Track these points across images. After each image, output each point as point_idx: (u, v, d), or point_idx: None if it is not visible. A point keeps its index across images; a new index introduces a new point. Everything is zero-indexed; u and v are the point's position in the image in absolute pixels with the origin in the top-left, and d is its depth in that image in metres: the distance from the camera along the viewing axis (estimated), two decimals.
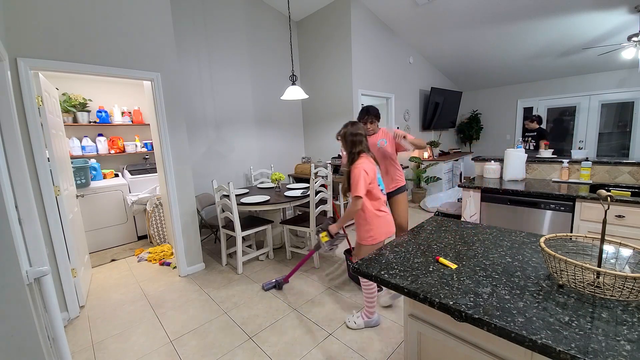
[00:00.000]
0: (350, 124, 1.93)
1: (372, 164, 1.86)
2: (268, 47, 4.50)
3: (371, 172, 1.83)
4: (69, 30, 2.21)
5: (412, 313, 1.14)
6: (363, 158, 1.86)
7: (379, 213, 1.90)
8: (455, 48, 5.25)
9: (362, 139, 1.88)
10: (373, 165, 1.87)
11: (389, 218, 1.94)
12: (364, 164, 1.82)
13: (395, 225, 2.15)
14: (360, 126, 1.91)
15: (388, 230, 1.92)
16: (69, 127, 3.80)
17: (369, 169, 1.81)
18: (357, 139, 1.86)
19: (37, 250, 1.72)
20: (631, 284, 0.82)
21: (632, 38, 3.83)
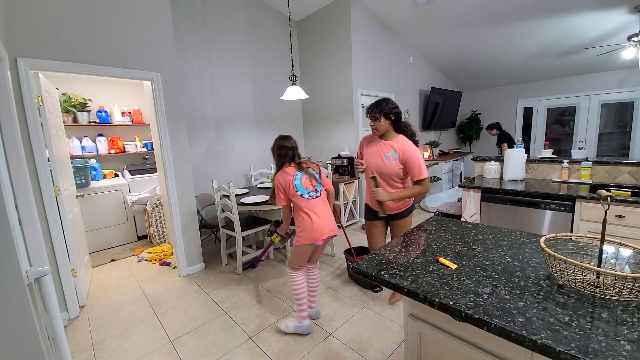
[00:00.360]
0: (279, 138, 2.07)
1: (287, 175, 1.97)
2: (268, 47, 4.50)
3: (284, 182, 1.97)
4: (69, 30, 2.21)
5: (412, 313, 1.14)
6: (282, 169, 2.01)
7: (306, 217, 1.96)
8: (455, 48, 5.25)
9: (288, 152, 2.02)
10: (288, 176, 1.97)
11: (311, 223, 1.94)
12: (278, 176, 1.99)
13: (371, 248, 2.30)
14: (288, 140, 2.05)
15: (311, 237, 1.94)
16: (69, 127, 3.80)
17: (282, 179, 1.97)
18: (282, 152, 2.02)
19: (37, 250, 1.72)
20: (631, 284, 0.82)
21: (632, 38, 3.83)
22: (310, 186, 2.00)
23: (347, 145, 4.50)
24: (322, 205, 2.03)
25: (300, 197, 1.96)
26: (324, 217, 1.99)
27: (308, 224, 1.94)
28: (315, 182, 2.04)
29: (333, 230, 2.04)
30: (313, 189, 2.01)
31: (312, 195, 1.99)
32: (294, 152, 2.05)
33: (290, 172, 1.98)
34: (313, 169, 2.08)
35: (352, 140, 4.43)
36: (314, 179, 2.04)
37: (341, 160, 4.27)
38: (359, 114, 4.40)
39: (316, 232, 1.95)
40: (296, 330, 2.03)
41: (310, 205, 1.97)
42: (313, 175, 2.04)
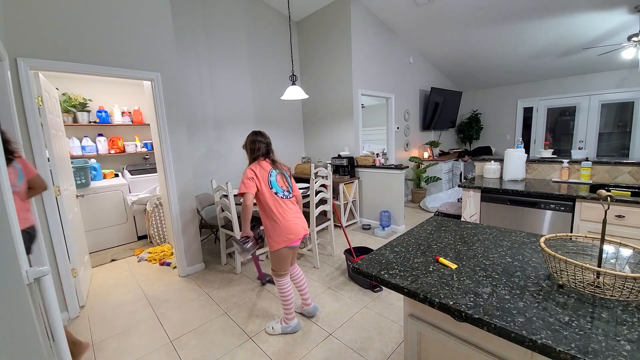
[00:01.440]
0: (252, 133, 2.06)
1: (263, 168, 1.96)
2: (268, 47, 4.50)
3: (259, 173, 1.93)
4: (69, 30, 2.21)
5: (412, 313, 1.14)
6: (256, 162, 1.99)
7: (276, 218, 1.93)
8: (455, 48, 5.25)
9: (261, 146, 2.01)
10: (264, 170, 1.96)
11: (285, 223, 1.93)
12: (253, 166, 1.95)
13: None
14: (261, 136, 2.04)
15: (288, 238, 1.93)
16: (69, 127, 3.80)
17: (258, 170, 1.94)
18: (255, 147, 2.00)
19: (37, 250, 1.73)
20: (631, 284, 0.82)
21: (632, 38, 3.83)
22: (284, 186, 2.01)
23: (347, 145, 4.50)
24: (294, 206, 2.03)
25: (275, 195, 1.94)
26: (297, 217, 1.99)
27: (282, 225, 1.92)
28: (287, 184, 2.05)
29: (306, 229, 2.05)
30: (286, 189, 2.02)
31: (286, 195, 1.99)
32: (268, 148, 2.04)
33: (266, 167, 1.98)
34: (285, 171, 2.08)
35: (352, 140, 4.43)
36: (286, 180, 2.04)
37: (341, 160, 4.27)
38: (359, 114, 4.40)
39: (292, 233, 1.93)
40: (284, 330, 2.03)
41: (284, 204, 1.96)
42: (285, 177, 2.05)
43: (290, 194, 2.03)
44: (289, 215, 1.95)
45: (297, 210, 2.05)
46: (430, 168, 5.49)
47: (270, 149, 2.06)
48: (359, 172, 4.36)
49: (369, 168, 4.22)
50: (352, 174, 4.31)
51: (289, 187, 2.04)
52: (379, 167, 4.12)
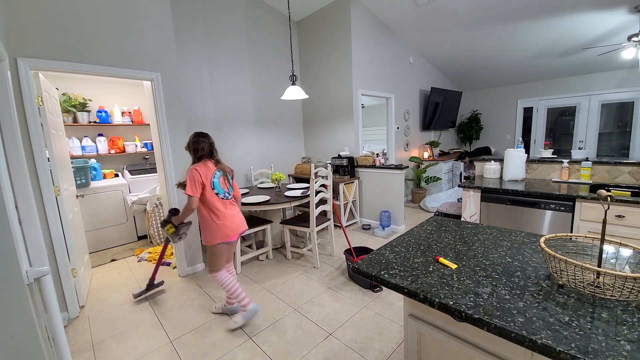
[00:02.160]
0: (194, 134, 2.10)
1: (208, 169, 2.03)
2: (268, 47, 4.50)
3: (204, 174, 1.99)
4: (69, 30, 2.21)
5: (412, 313, 1.14)
6: (201, 162, 2.04)
7: (214, 216, 2.02)
8: (455, 48, 5.25)
9: (204, 146, 2.06)
10: (209, 170, 2.03)
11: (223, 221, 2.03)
12: (198, 166, 2.00)
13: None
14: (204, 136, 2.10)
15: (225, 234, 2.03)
16: (69, 127, 3.80)
17: (203, 171, 2.00)
18: (198, 147, 2.05)
19: (37, 250, 1.73)
20: (631, 284, 0.82)
21: (632, 38, 3.83)
22: (225, 187, 2.10)
23: (347, 145, 4.50)
24: (232, 206, 2.14)
25: (216, 196, 2.04)
26: (235, 216, 2.10)
27: (221, 222, 2.02)
28: (229, 185, 2.14)
29: (243, 226, 2.18)
30: (227, 191, 2.11)
31: (226, 196, 2.10)
32: (212, 148, 2.10)
33: (211, 168, 2.05)
34: (228, 172, 2.17)
35: (352, 140, 4.43)
36: (227, 181, 2.13)
37: (341, 160, 4.27)
38: (359, 114, 4.40)
39: (229, 230, 2.04)
40: (245, 319, 2.10)
41: (224, 204, 2.07)
42: (227, 178, 2.14)
43: (230, 195, 2.13)
44: (227, 214, 2.06)
45: (236, 209, 2.17)
46: (430, 168, 5.49)
47: (214, 150, 2.12)
48: (359, 172, 4.36)
49: (369, 168, 4.22)
50: (352, 174, 4.31)
51: (229, 189, 2.13)
52: (379, 167, 4.12)
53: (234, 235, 2.08)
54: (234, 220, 2.08)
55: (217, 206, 2.03)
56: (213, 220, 2.02)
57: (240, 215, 2.17)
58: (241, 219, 2.16)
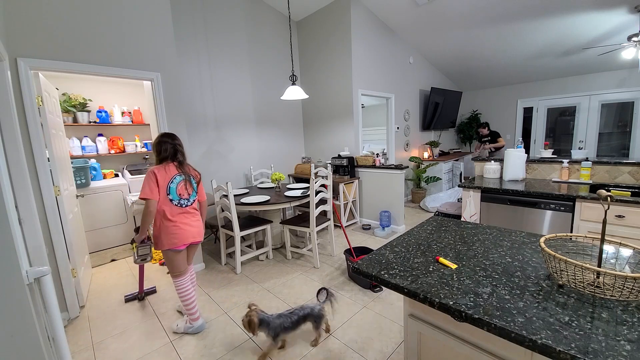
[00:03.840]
0: (161, 134, 2.05)
1: (167, 173, 1.93)
2: (268, 47, 4.50)
3: (162, 178, 1.90)
4: (69, 30, 2.21)
5: (412, 313, 1.14)
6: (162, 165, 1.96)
7: (162, 223, 1.94)
8: (455, 48, 5.25)
9: (168, 147, 1.97)
10: (167, 174, 1.93)
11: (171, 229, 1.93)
12: (157, 169, 1.92)
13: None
14: (171, 137, 2.02)
15: (171, 242, 1.93)
16: (69, 127, 3.79)
17: (161, 174, 1.91)
18: (161, 148, 1.97)
19: (37, 250, 1.73)
20: (631, 284, 0.82)
21: (632, 38, 3.83)
22: (184, 193, 1.99)
23: (347, 145, 4.50)
24: (189, 213, 2.02)
25: (169, 202, 1.93)
26: (187, 224, 1.98)
27: (168, 229, 1.92)
28: (192, 190, 2.04)
29: (197, 236, 2.04)
30: (186, 197, 2.00)
31: (182, 203, 1.98)
32: (177, 149, 2.01)
33: (170, 172, 1.95)
34: (193, 177, 2.07)
35: (352, 140, 4.43)
36: (190, 186, 2.03)
37: (341, 160, 4.27)
38: (359, 114, 4.40)
39: (177, 238, 1.93)
40: (186, 330, 2.07)
41: (176, 211, 1.96)
42: (190, 183, 2.04)
43: (188, 201, 2.02)
44: (177, 222, 1.95)
45: (191, 217, 2.04)
46: (430, 168, 5.49)
47: (179, 151, 2.02)
48: (359, 172, 4.36)
49: (369, 168, 4.22)
50: (352, 174, 4.31)
51: (190, 195, 2.02)
52: (379, 167, 4.12)
53: (181, 245, 1.97)
54: (183, 229, 1.96)
55: (166, 214, 1.93)
56: (164, 225, 1.93)
57: (195, 225, 2.04)
58: (194, 228, 2.03)
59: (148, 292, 2.68)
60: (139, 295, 2.60)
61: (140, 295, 2.60)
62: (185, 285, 2.02)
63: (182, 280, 2.02)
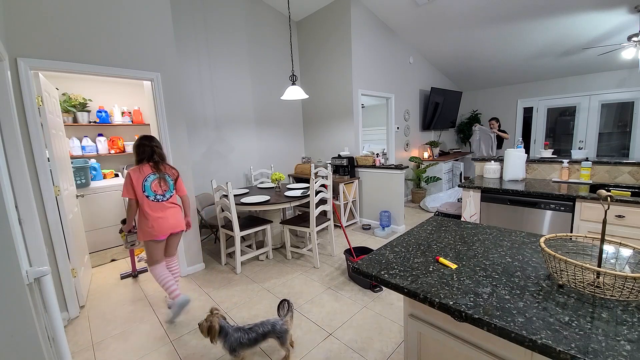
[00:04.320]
0: (140, 137, 2.22)
1: (140, 173, 2.13)
2: (268, 47, 4.50)
3: (135, 179, 2.10)
4: (69, 30, 2.21)
5: (412, 313, 1.14)
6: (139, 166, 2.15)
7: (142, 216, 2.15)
8: (455, 48, 5.25)
9: (146, 149, 2.16)
10: (141, 174, 2.13)
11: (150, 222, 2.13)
12: (132, 171, 2.12)
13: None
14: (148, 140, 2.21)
15: (151, 234, 2.14)
16: (69, 127, 3.80)
17: (135, 176, 2.11)
18: (140, 150, 2.17)
19: (37, 250, 1.73)
20: (631, 284, 0.82)
21: (632, 38, 3.83)
22: (159, 190, 2.18)
23: (347, 145, 4.50)
24: (167, 207, 2.20)
25: (146, 198, 2.13)
26: (164, 218, 2.17)
27: (147, 222, 2.13)
28: (167, 187, 2.22)
29: (175, 227, 2.25)
30: (161, 193, 2.19)
31: (158, 199, 2.17)
32: (154, 151, 2.19)
33: (144, 172, 2.14)
34: (169, 175, 2.25)
35: (352, 140, 4.43)
36: (165, 184, 2.21)
37: (341, 160, 4.27)
38: (359, 114, 4.40)
39: (155, 230, 2.14)
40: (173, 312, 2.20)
41: (153, 206, 2.14)
42: (166, 180, 2.21)
43: (164, 197, 2.20)
44: (155, 216, 2.14)
45: (169, 210, 2.22)
46: (430, 168, 5.49)
47: (156, 152, 2.19)
48: (359, 172, 4.36)
49: (369, 168, 4.22)
50: (352, 174, 4.31)
51: (165, 191, 2.21)
52: (379, 167, 4.12)
53: (160, 235, 2.17)
54: (160, 222, 2.15)
55: (144, 208, 2.12)
56: (144, 218, 2.14)
57: (172, 217, 2.22)
58: (172, 221, 2.21)
59: (140, 272, 3.06)
60: (133, 273, 3.00)
61: (134, 273, 3.00)
62: (159, 272, 2.23)
63: (155, 268, 2.24)
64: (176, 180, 2.29)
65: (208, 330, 1.61)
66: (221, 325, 1.64)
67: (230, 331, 1.65)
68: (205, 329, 1.62)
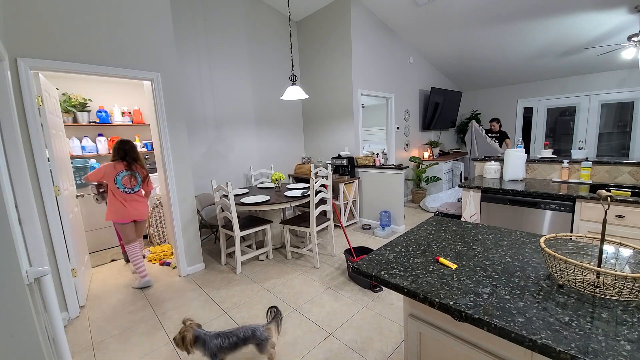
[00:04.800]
0: (118, 141, 2.72)
1: (115, 168, 2.62)
2: (268, 47, 4.50)
3: (109, 172, 2.60)
4: (69, 30, 2.21)
5: (412, 313, 1.14)
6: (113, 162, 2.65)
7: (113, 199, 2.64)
8: (455, 48, 5.25)
9: (120, 152, 2.67)
10: (115, 170, 2.62)
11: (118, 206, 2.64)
12: (109, 164, 2.63)
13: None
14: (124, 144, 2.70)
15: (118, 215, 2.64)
16: (69, 127, 3.79)
17: (109, 169, 2.61)
18: (115, 152, 2.69)
19: (37, 250, 1.73)
20: (631, 284, 0.82)
21: (632, 38, 3.83)
22: (128, 184, 2.68)
23: (347, 145, 4.50)
24: (133, 198, 2.71)
25: (117, 189, 2.63)
26: (130, 206, 2.68)
27: (117, 206, 2.64)
28: (135, 182, 2.71)
29: (140, 216, 2.76)
30: (130, 187, 2.68)
31: (126, 191, 2.67)
32: (126, 153, 2.68)
33: (118, 168, 2.63)
34: (139, 174, 2.74)
35: (352, 140, 4.44)
36: (135, 180, 2.71)
37: (341, 160, 4.27)
38: (359, 114, 4.40)
39: (123, 214, 2.65)
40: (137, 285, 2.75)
41: (123, 195, 2.66)
42: (135, 177, 2.71)
43: (132, 190, 2.70)
44: (124, 203, 2.65)
45: (135, 201, 2.72)
46: (430, 168, 5.49)
47: (129, 154, 2.68)
48: (359, 172, 4.36)
49: (369, 168, 4.22)
50: (352, 174, 4.32)
51: (133, 186, 2.70)
52: (379, 167, 4.12)
53: (124, 219, 2.66)
54: (127, 209, 2.66)
55: (115, 195, 2.64)
56: (113, 202, 2.63)
57: (138, 207, 2.73)
58: (137, 210, 2.72)
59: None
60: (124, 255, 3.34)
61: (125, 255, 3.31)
62: (134, 251, 2.73)
63: (132, 246, 2.73)
64: (145, 178, 2.78)
65: (182, 341, 1.58)
66: (196, 334, 1.59)
67: (208, 338, 1.61)
68: (179, 340, 1.58)
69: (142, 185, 2.77)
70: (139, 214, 2.74)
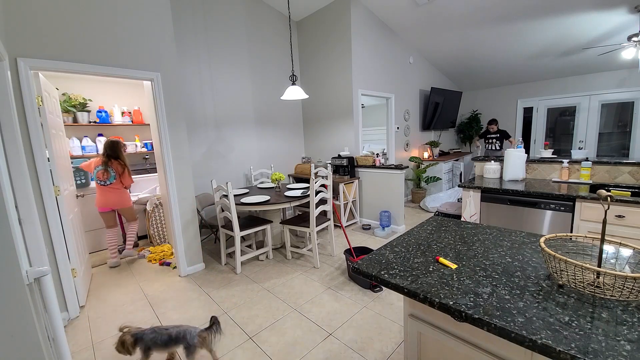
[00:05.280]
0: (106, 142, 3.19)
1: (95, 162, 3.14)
2: (268, 47, 4.50)
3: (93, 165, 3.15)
4: (69, 30, 2.21)
5: (412, 313, 1.14)
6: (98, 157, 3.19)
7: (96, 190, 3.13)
8: (455, 48, 5.25)
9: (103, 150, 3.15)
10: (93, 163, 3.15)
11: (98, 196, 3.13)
12: (96, 159, 3.19)
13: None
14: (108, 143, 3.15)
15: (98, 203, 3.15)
16: (69, 127, 3.80)
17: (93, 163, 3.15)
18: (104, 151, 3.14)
19: (37, 250, 1.73)
20: (631, 284, 0.82)
21: (632, 38, 3.83)
22: (102, 177, 3.07)
23: (347, 145, 4.50)
24: (106, 190, 3.11)
25: (95, 181, 3.12)
26: (104, 195, 3.11)
27: (97, 196, 3.14)
28: (108, 176, 3.09)
29: (115, 205, 3.19)
30: (103, 180, 3.08)
31: (100, 183, 3.09)
32: (106, 152, 3.11)
33: (96, 163, 3.12)
34: (113, 169, 3.11)
35: (352, 140, 4.44)
36: (107, 174, 3.09)
37: (341, 160, 4.27)
38: (359, 114, 4.40)
39: (99, 202, 3.13)
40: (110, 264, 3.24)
41: (99, 187, 3.10)
42: (108, 172, 3.09)
43: (105, 183, 3.09)
44: (100, 193, 3.12)
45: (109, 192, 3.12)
46: (430, 168, 5.49)
47: (107, 153, 3.11)
48: (359, 172, 4.36)
49: (369, 168, 4.22)
50: (352, 174, 4.32)
51: (106, 180, 3.08)
52: (379, 167, 4.12)
53: (101, 208, 3.16)
54: (102, 198, 3.11)
55: (96, 185, 3.12)
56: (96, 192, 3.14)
57: (111, 197, 3.13)
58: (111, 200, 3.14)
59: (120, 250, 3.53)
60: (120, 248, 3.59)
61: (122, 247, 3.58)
62: (109, 235, 3.24)
63: (110, 231, 3.24)
64: (121, 174, 3.15)
65: (122, 346, 1.59)
66: (135, 336, 1.61)
67: (145, 334, 1.63)
68: (119, 346, 1.60)
69: (118, 179, 3.13)
70: (113, 203, 3.16)
